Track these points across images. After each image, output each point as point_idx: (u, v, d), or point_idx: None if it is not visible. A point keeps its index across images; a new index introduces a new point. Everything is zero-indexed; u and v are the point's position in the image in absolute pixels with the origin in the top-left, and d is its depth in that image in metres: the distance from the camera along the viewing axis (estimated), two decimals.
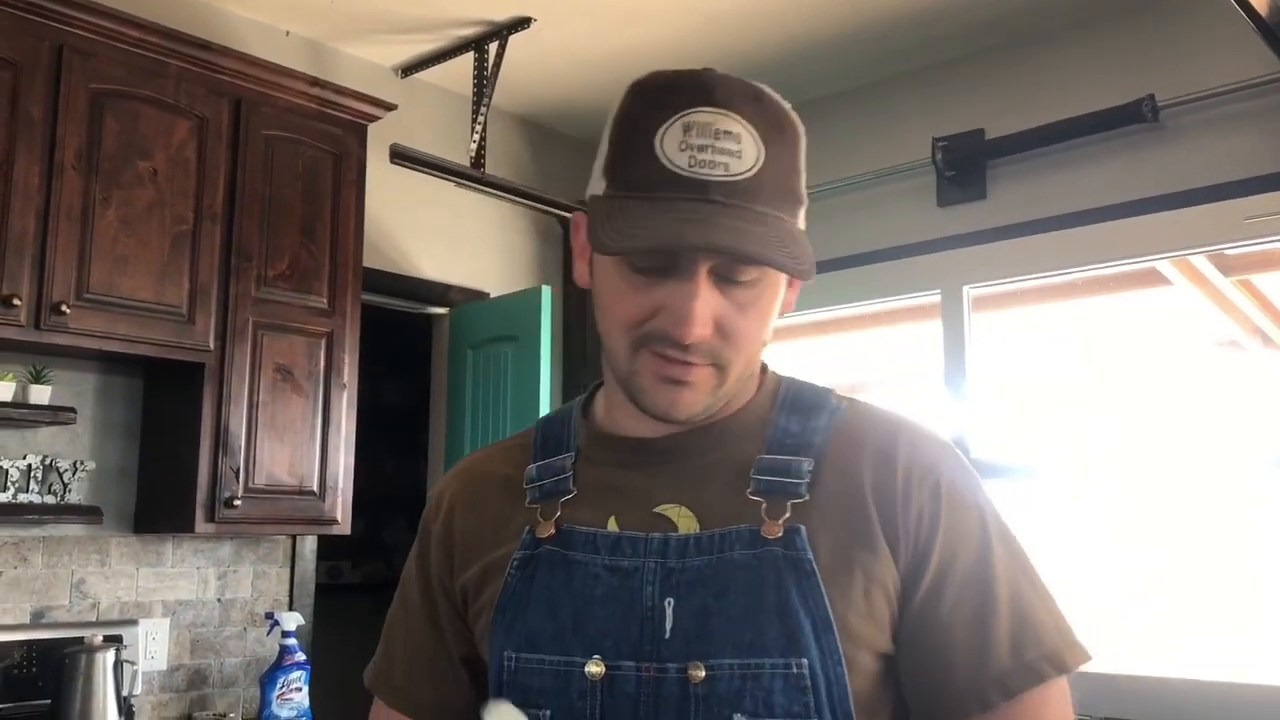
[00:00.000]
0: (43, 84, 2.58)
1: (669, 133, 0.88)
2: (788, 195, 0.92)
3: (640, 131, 0.89)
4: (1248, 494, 3.13)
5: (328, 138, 3.14)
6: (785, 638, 0.87)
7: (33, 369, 2.73)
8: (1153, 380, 3.47)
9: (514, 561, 0.96)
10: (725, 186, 0.86)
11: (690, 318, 0.87)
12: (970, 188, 3.54)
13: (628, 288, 0.91)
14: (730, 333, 0.91)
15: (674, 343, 0.89)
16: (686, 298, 0.88)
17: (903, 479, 0.93)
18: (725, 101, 0.88)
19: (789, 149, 0.93)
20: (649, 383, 0.92)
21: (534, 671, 0.92)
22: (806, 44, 3.58)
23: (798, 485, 0.92)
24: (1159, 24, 3.24)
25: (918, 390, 3.74)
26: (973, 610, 0.91)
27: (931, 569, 0.91)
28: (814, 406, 0.99)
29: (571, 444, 1.03)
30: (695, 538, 0.92)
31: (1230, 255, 3.37)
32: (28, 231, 2.52)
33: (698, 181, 0.86)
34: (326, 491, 3.04)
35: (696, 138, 0.87)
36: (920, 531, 0.92)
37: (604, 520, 0.95)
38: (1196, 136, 3.13)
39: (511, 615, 0.95)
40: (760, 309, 0.92)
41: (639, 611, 0.90)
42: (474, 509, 1.05)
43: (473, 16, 3.43)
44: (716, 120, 0.87)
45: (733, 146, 0.87)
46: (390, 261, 3.70)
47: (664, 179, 0.87)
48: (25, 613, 2.77)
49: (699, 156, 0.87)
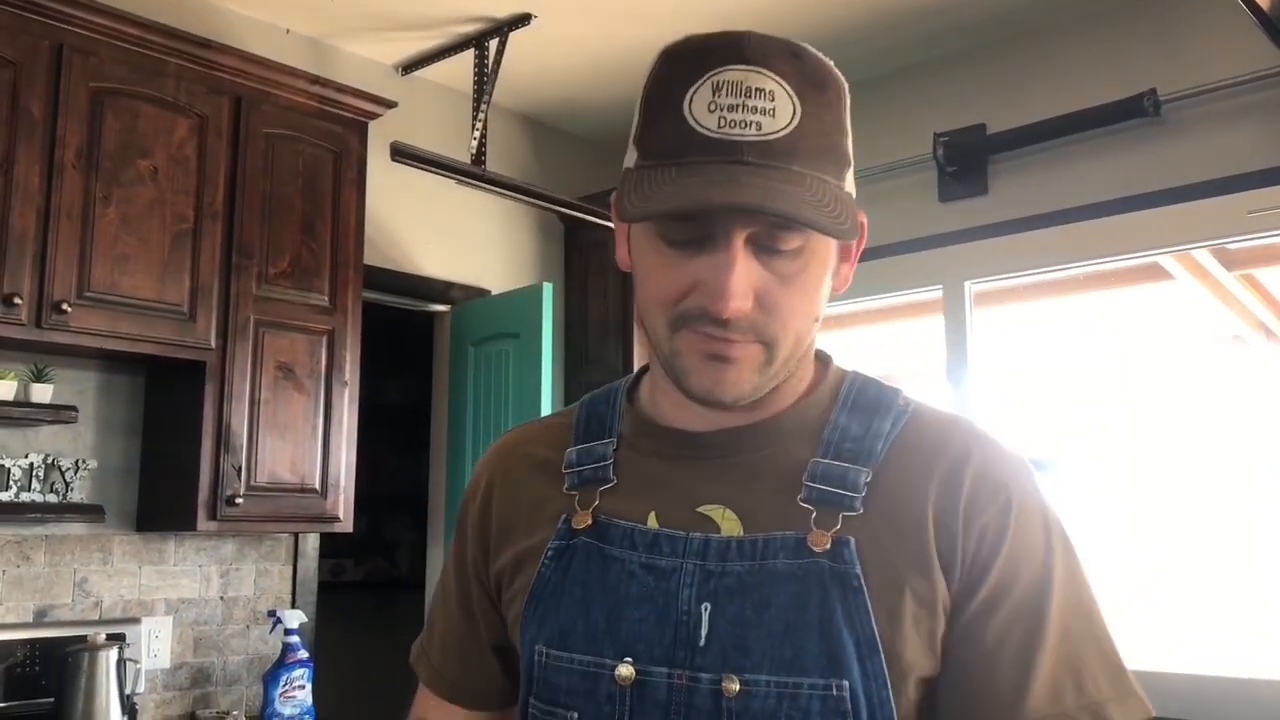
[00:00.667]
0: (43, 82, 2.58)
1: (697, 94, 0.83)
2: (829, 154, 0.85)
3: (668, 96, 0.84)
4: (1249, 488, 3.12)
5: (328, 135, 3.14)
6: (826, 657, 0.82)
7: (34, 368, 2.73)
8: (1155, 375, 3.46)
9: (549, 551, 0.93)
10: (758, 146, 0.81)
11: (727, 290, 0.81)
12: (972, 183, 3.54)
13: (663, 263, 0.86)
14: (773, 306, 0.84)
15: (713, 319, 0.83)
16: (723, 269, 0.82)
17: (969, 493, 0.86)
18: (758, 59, 0.83)
19: (830, 108, 0.86)
20: (692, 362, 0.86)
21: (563, 670, 0.89)
22: (807, 39, 3.55)
23: (853, 499, 0.86)
24: (1160, 18, 3.23)
25: (920, 385, 3.73)
26: (1020, 642, 0.84)
27: (986, 588, 0.85)
28: (878, 407, 0.93)
29: (615, 429, 0.98)
30: (738, 541, 0.87)
31: (1233, 249, 3.37)
32: (28, 230, 2.52)
33: (728, 142, 0.81)
34: (328, 489, 3.04)
35: (726, 97, 0.82)
36: (981, 549, 0.85)
37: (644, 515, 0.91)
38: (1199, 131, 3.12)
39: (544, 608, 0.91)
40: (806, 281, 0.86)
41: (674, 615, 0.86)
42: (511, 491, 1.01)
43: (473, 13, 3.43)
44: (748, 78, 0.82)
45: (765, 104, 0.82)
46: (391, 259, 3.69)
47: (693, 142, 0.82)
48: (28, 611, 2.77)
49: (729, 116, 0.81)
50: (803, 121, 0.82)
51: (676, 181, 0.81)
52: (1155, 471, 3.31)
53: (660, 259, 0.86)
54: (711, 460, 0.92)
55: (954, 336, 3.52)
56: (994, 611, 0.84)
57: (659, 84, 0.86)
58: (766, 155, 0.81)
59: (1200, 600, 3.22)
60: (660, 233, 0.85)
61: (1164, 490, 3.31)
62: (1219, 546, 3.20)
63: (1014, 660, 0.84)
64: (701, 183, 0.80)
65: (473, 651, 1.04)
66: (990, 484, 0.87)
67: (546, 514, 0.96)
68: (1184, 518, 3.27)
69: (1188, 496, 3.26)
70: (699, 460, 0.92)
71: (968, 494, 0.87)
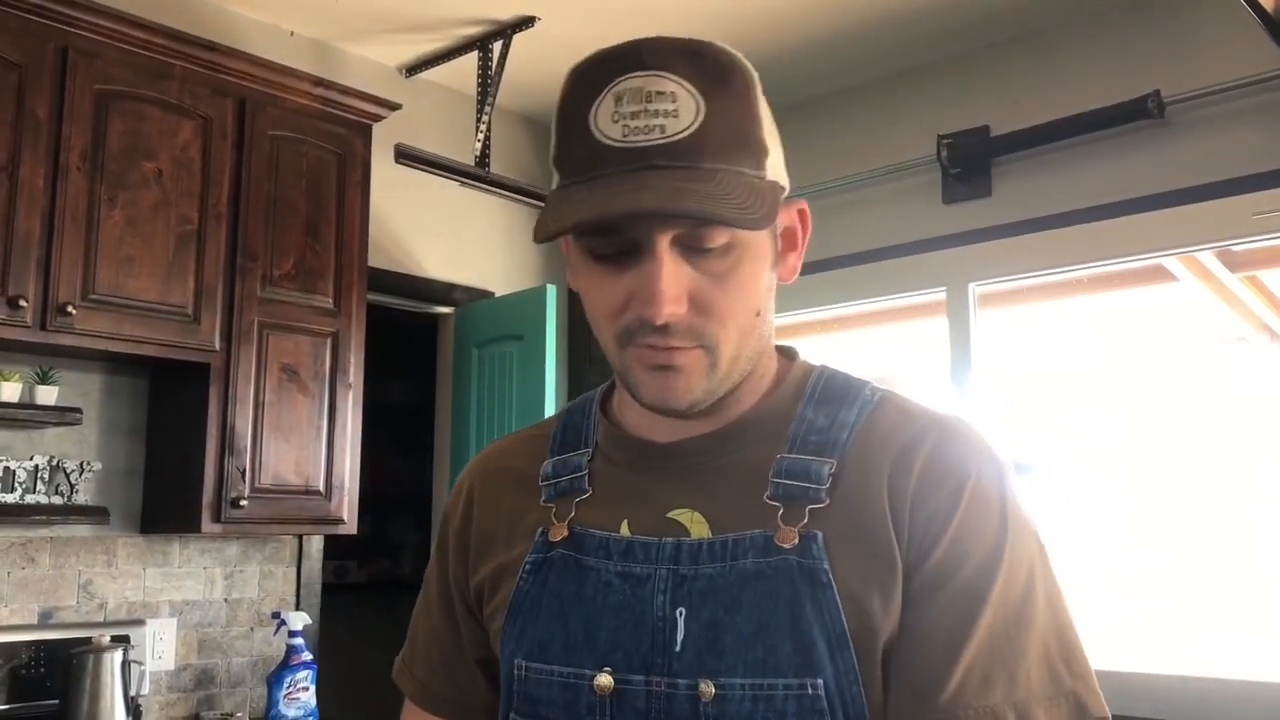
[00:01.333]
0: (48, 85, 2.58)
1: (601, 107, 0.83)
2: (741, 145, 0.84)
3: (575, 113, 0.85)
4: (1253, 490, 3.12)
5: (332, 138, 3.14)
6: (799, 656, 0.81)
7: (39, 370, 2.74)
8: (1159, 376, 3.46)
9: (526, 564, 0.93)
10: (663, 149, 0.81)
11: (657, 296, 0.82)
12: (975, 185, 3.54)
13: (597, 280, 0.87)
14: (708, 306, 0.84)
15: (652, 328, 0.83)
16: (651, 277, 0.82)
17: (918, 477, 0.85)
18: (656, 63, 0.83)
19: (737, 99, 0.85)
20: (641, 375, 0.87)
21: (543, 682, 0.89)
22: (811, 40, 3.58)
23: (818, 490, 0.86)
24: (1165, 20, 3.23)
25: (923, 387, 3.73)
26: (954, 625, 0.82)
27: (927, 570, 0.83)
28: (844, 398, 0.92)
29: (590, 440, 0.98)
30: (708, 543, 0.87)
31: (1237, 251, 3.36)
32: (33, 232, 2.53)
33: (633, 150, 0.81)
34: (333, 491, 3.04)
35: (628, 105, 0.82)
36: (928, 532, 0.84)
37: (617, 524, 0.91)
38: (1203, 132, 3.12)
39: (523, 621, 0.92)
40: (739, 277, 0.85)
41: (650, 622, 0.86)
42: (490, 505, 1.01)
43: (477, 16, 3.43)
44: (647, 83, 0.82)
45: (667, 106, 0.82)
46: (395, 261, 3.70)
47: (601, 156, 0.82)
48: (33, 613, 2.78)
49: (632, 124, 0.82)
50: (708, 118, 0.82)
51: (586, 196, 0.82)
52: (1158, 473, 3.31)
53: (595, 277, 0.87)
54: (680, 468, 0.92)
55: (957, 338, 3.52)
56: (934, 593, 0.83)
57: (566, 103, 0.87)
58: (673, 156, 0.81)
59: (1204, 602, 3.21)
60: (589, 250, 0.86)
61: (1167, 492, 3.30)
62: (1222, 548, 3.20)
63: (945, 644, 0.81)
64: (608, 193, 0.81)
65: (457, 665, 1.03)
66: (941, 467, 0.86)
67: (524, 527, 0.96)
68: (1187, 520, 3.27)
69: (1191, 498, 3.26)
70: (668, 470, 0.93)
71: (917, 477, 0.85)
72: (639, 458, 0.95)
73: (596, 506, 0.94)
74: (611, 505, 0.93)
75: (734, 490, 0.89)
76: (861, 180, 3.73)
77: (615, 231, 0.83)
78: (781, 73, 3.78)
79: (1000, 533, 0.85)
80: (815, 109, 3.96)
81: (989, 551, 0.84)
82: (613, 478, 0.95)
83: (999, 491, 0.86)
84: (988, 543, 0.84)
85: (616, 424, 0.98)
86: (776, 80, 0.90)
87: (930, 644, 0.82)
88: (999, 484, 0.87)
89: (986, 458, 0.88)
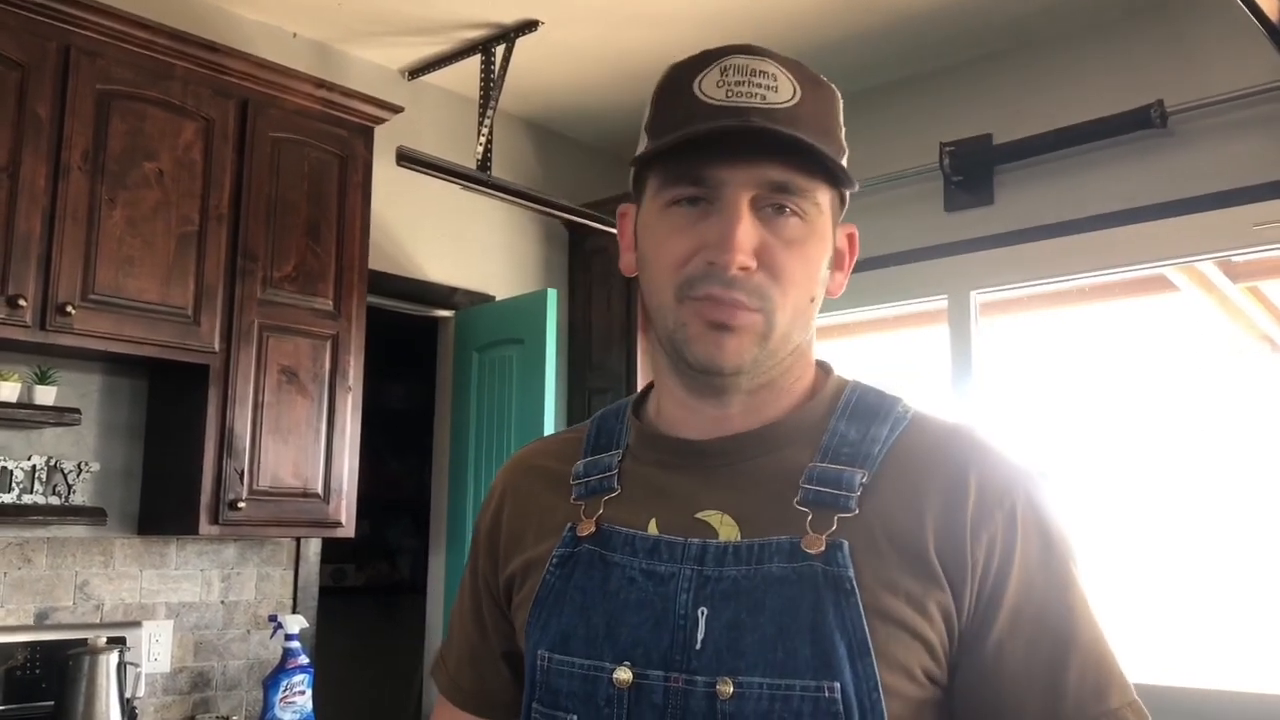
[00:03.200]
0: (50, 84, 2.58)
1: (706, 77, 0.89)
2: (829, 135, 0.91)
3: (679, 83, 0.91)
4: (1255, 501, 3.11)
5: (334, 140, 3.14)
6: (818, 659, 0.83)
7: (38, 370, 2.73)
8: (1160, 386, 3.45)
9: (553, 559, 0.95)
10: (763, 112, 0.86)
11: (733, 242, 0.86)
12: (978, 193, 3.54)
13: (670, 229, 0.90)
14: (776, 269, 0.88)
15: (719, 277, 0.87)
16: (729, 224, 0.86)
17: (974, 504, 0.87)
18: (760, 51, 0.90)
19: (826, 101, 0.93)
20: (696, 330, 0.89)
21: (564, 673, 0.91)
22: (814, 47, 3.58)
23: (848, 499, 0.88)
24: (1168, 29, 3.23)
25: (924, 395, 3.73)
26: (1051, 648, 0.86)
27: (1006, 604, 0.86)
28: (877, 414, 0.94)
29: (621, 441, 1.01)
30: (734, 546, 0.88)
31: (1238, 262, 3.36)
32: (33, 232, 2.52)
33: (735, 108, 0.87)
34: (331, 494, 3.04)
35: (734, 76, 0.88)
36: (992, 562, 0.86)
37: (645, 522, 0.93)
38: (1205, 142, 3.12)
39: (547, 614, 0.93)
40: (806, 250, 0.90)
41: (671, 619, 0.87)
42: (521, 503, 1.04)
43: (479, 19, 3.43)
44: (752, 63, 0.89)
45: (770, 83, 0.88)
46: (396, 264, 3.69)
47: (701, 111, 0.87)
48: (29, 614, 2.77)
49: (735, 89, 0.87)
50: (803, 100, 0.89)
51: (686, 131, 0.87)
52: (1160, 483, 3.30)
53: (668, 227, 0.90)
54: (712, 467, 0.94)
55: (959, 346, 3.52)
56: (1018, 625, 0.86)
57: (669, 78, 0.93)
58: (771, 120, 0.87)
59: (1208, 613, 3.20)
60: (669, 199, 0.90)
61: (1169, 501, 3.30)
62: (1225, 558, 3.19)
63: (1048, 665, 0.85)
64: (710, 126, 0.86)
65: (484, 660, 1.06)
66: (993, 492, 0.88)
67: (553, 523, 0.98)
68: (1189, 529, 3.26)
69: (1193, 508, 3.25)
70: (700, 468, 0.94)
71: (974, 503, 0.87)
72: (671, 456, 0.96)
73: (625, 505, 0.96)
74: (640, 504, 0.95)
75: (764, 494, 0.91)
76: (864, 187, 3.71)
77: (703, 182, 0.88)
78: None
79: (1063, 549, 0.89)
80: None
81: (1059, 570, 0.88)
82: (642, 477, 0.97)
83: (1045, 508, 0.90)
84: (1054, 561, 0.88)
85: (650, 425, 1.00)
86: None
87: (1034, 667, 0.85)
88: (1043, 500, 0.91)
89: (1028, 477, 0.91)
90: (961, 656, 0.86)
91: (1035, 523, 0.88)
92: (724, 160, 0.87)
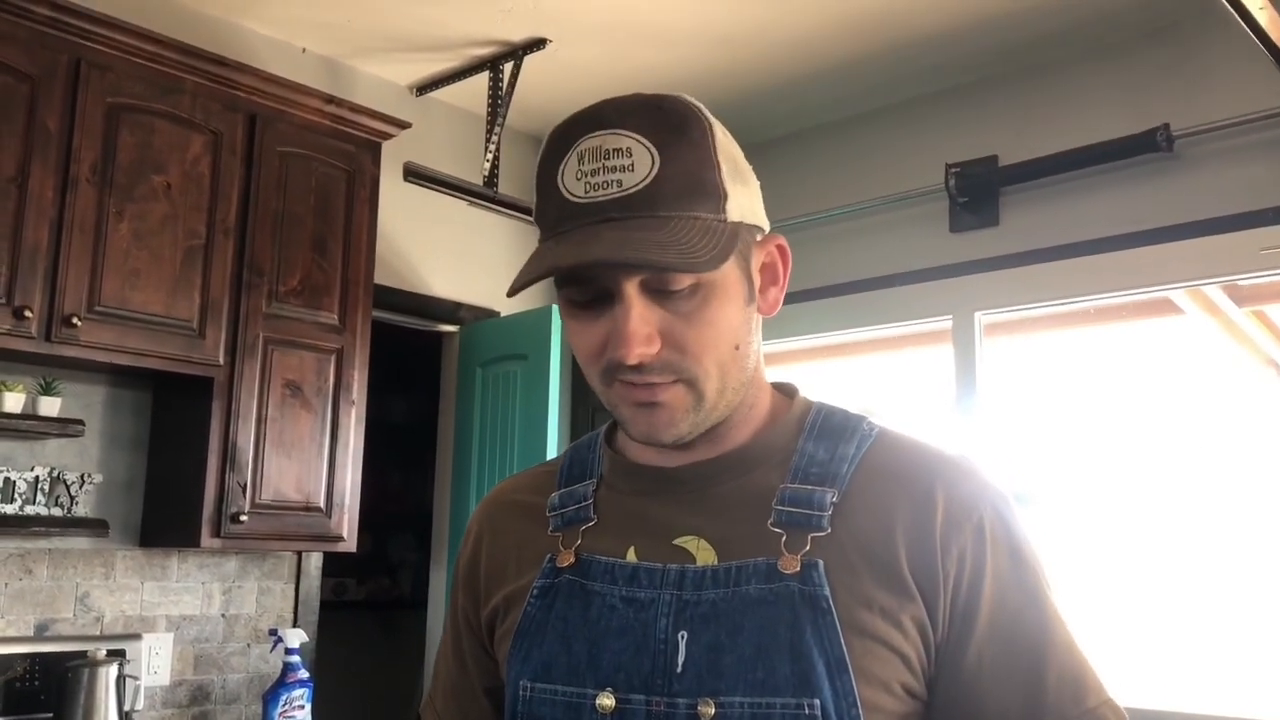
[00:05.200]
0: (60, 97, 2.59)
1: (567, 166, 0.89)
2: (696, 191, 0.89)
3: (547, 174, 0.91)
4: (1260, 523, 3.10)
5: (342, 155, 3.15)
6: (797, 677, 0.84)
7: (43, 381, 2.74)
8: (1165, 409, 3.45)
9: (534, 590, 0.96)
10: (619, 202, 0.87)
11: (626, 338, 0.87)
12: (983, 214, 3.54)
13: (578, 326, 0.93)
14: (681, 344, 0.89)
15: (627, 368, 0.88)
16: (620, 320, 0.88)
17: (942, 517, 0.89)
18: (614, 121, 0.89)
19: (693, 147, 0.90)
20: (627, 411, 0.92)
21: (547, 702, 0.92)
22: (820, 68, 3.59)
23: (820, 518, 0.90)
24: (1174, 53, 3.24)
25: (928, 415, 3.72)
26: (1028, 657, 0.88)
27: (982, 616, 0.88)
28: (843, 433, 0.96)
29: (595, 471, 1.03)
30: (712, 570, 0.90)
31: (1244, 286, 3.36)
32: (41, 243, 2.53)
33: (594, 205, 0.87)
34: (333, 508, 3.03)
35: (589, 163, 0.88)
36: (963, 575, 0.88)
37: (623, 550, 0.95)
38: (1211, 167, 3.12)
39: (528, 644, 0.95)
40: (709, 315, 0.89)
41: (652, 644, 0.89)
42: (499, 538, 1.05)
43: (488, 37, 3.44)
44: (605, 141, 0.89)
45: (624, 162, 0.88)
46: (401, 278, 3.70)
47: (567, 212, 0.89)
48: (29, 625, 2.76)
49: (592, 180, 0.88)
50: (662, 168, 0.87)
51: (553, 249, 0.89)
52: (1163, 505, 3.29)
53: (576, 324, 0.93)
54: (685, 494, 0.96)
55: (963, 367, 3.51)
56: (993, 636, 0.88)
57: (541, 164, 0.93)
58: (629, 208, 0.87)
59: (1205, 635, 3.19)
60: (566, 299, 0.93)
61: (1171, 523, 3.29)
62: (1230, 579, 3.18)
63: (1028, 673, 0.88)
64: (568, 246, 0.87)
65: (466, 696, 1.08)
66: (960, 506, 0.90)
67: (533, 556, 1.00)
68: (1193, 550, 3.25)
69: (1197, 530, 3.24)
70: (673, 495, 0.96)
71: (941, 518, 0.89)
72: (646, 484, 0.98)
73: (603, 534, 0.97)
74: (617, 532, 0.97)
75: (738, 517, 0.93)
76: (869, 208, 3.73)
77: (586, 281, 0.89)
78: (791, 100, 3.80)
79: (1031, 559, 0.92)
80: (824, 136, 3.97)
81: (1031, 581, 0.91)
82: (618, 505, 0.99)
83: (1011, 520, 0.92)
84: (1024, 572, 0.91)
85: (622, 454, 1.02)
86: (785, 107, 0.92)
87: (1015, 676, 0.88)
88: (1009, 513, 0.93)
89: (992, 489, 0.93)
90: (940, 670, 0.88)
91: (1004, 535, 0.91)
92: None
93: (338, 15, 3.32)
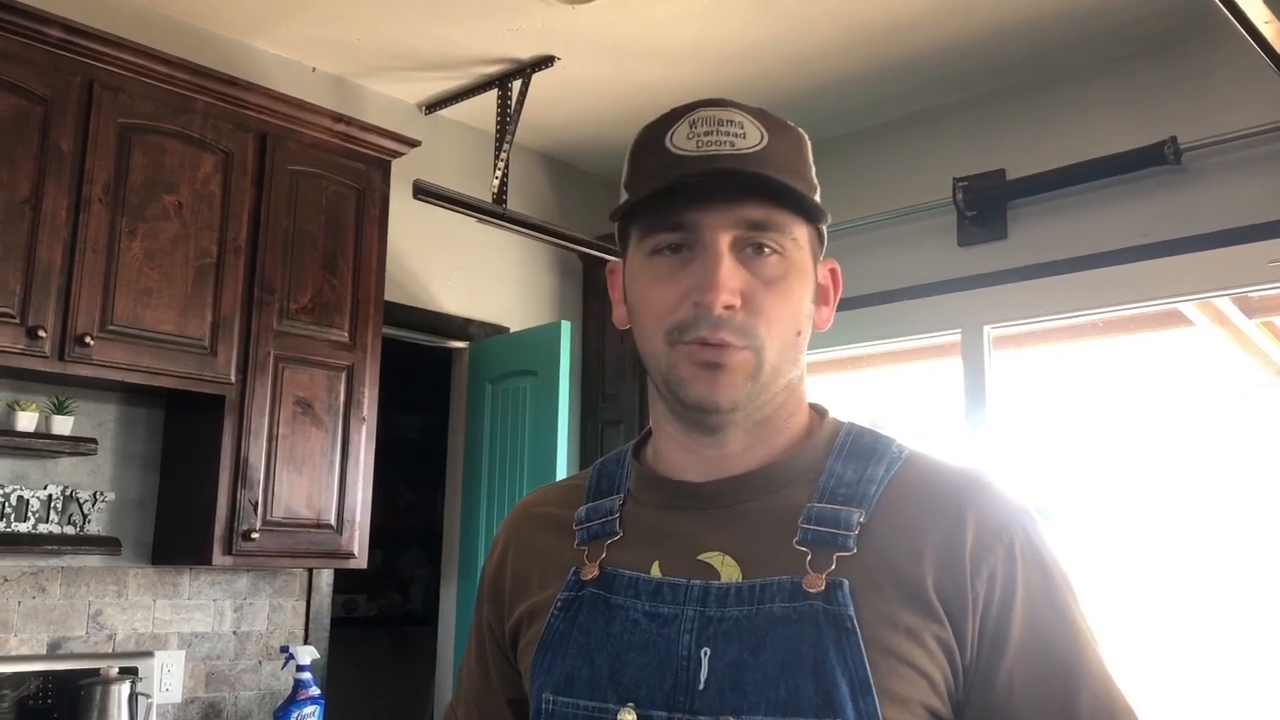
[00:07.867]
0: (73, 118, 2.62)
1: (677, 131, 0.93)
2: (797, 174, 0.94)
3: (651, 140, 0.94)
4: (1271, 535, 3.09)
5: (351, 173, 3.17)
6: (820, 697, 0.83)
7: (56, 400, 2.75)
8: (1175, 421, 3.44)
9: (558, 603, 0.96)
10: (734, 158, 0.90)
11: (716, 283, 0.88)
12: (991, 228, 3.54)
13: (654, 277, 0.93)
14: (759, 307, 0.90)
15: (706, 320, 0.89)
16: (711, 268, 0.89)
17: (972, 539, 0.89)
18: (727, 103, 0.94)
19: (794, 143, 0.96)
20: (688, 372, 0.91)
21: (568, 715, 0.92)
22: (828, 82, 3.60)
23: (846, 538, 0.89)
24: (1182, 66, 3.24)
25: (938, 428, 3.72)
26: (1062, 681, 0.87)
27: (1013, 639, 0.87)
28: (872, 455, 0.96)
29: (622, 486, 1.02)
30: (736, 587, 0.89)
31: (1253, 297, 3.35)
32: (54, 263, 2.55)
33: (705, 157, 0.90)
34: (344, 525, 3.04)
35: (702, 128, 0.92)
36: (993, 597, 0.88)
37: (648, 565, 0.94)
38: (1219, 179, 3.12)
39: (551, 656, 0.95)
40: (788, 287, 0.92)
41: (674, 660, 0.88)
42: (525, 550, 1.06)
43: (497, 55, 3.46)
44: (719, 113, 0.92)
45: (737, 131, 0.92)
46: (411, 295, 3.71)
47: (675, 164, 0.91)
48: (42, 643, 2.77)
49: (705, 139, 0.91)
50: (771, 144, 0.92)
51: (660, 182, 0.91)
52: (1174, 517, 3.28)
53: (653, 275, 0.93)
54: (712, 509, 0.95)
55: (972, 380, 3.51)
56: (1025, 660, 0.87)
57: (642, 137, 0.97)
58: (742, 163, 0.90)
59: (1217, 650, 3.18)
60: (652, 247, 0.93)
61: (1182, 536, 3.28)
62: (1241, 592, 3.17)
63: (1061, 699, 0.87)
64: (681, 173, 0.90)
65: (489, 707, 1.08)
66: (992, 528, 0.90)
67: (557, 568, 0.99)
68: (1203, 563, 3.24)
69: (1207, 543, 3.23)
70: (700, 510, 0.96)
71: (972, 539, 0.89)
72: (672, 499, 0.98)
73: (627, 548, 0.97)
74: (642, 547, 0.96)
75: (764, 534, 0.92)
76: (877, 221, 3.74)
77: (682, 228, 0.91)
78: (798, 114, 3.79)
79: (1063, 582, 0.91)
80: (832, 150, 3.98)
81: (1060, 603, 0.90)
82: (644, 520, 0.99)
83: (1041, 542, 0.92)
84: (1055, 595, 0.90)
85: (649, 469, 1.02)
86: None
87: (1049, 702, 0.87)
88: (1039, 534, 0.92)
89: (1022, 511, 0.93)
90: (970, 693, 0.87)
91: (1034, 557, 0.90)
92: (701, 205, 0.90)
93: (347, 35, 3.35)
